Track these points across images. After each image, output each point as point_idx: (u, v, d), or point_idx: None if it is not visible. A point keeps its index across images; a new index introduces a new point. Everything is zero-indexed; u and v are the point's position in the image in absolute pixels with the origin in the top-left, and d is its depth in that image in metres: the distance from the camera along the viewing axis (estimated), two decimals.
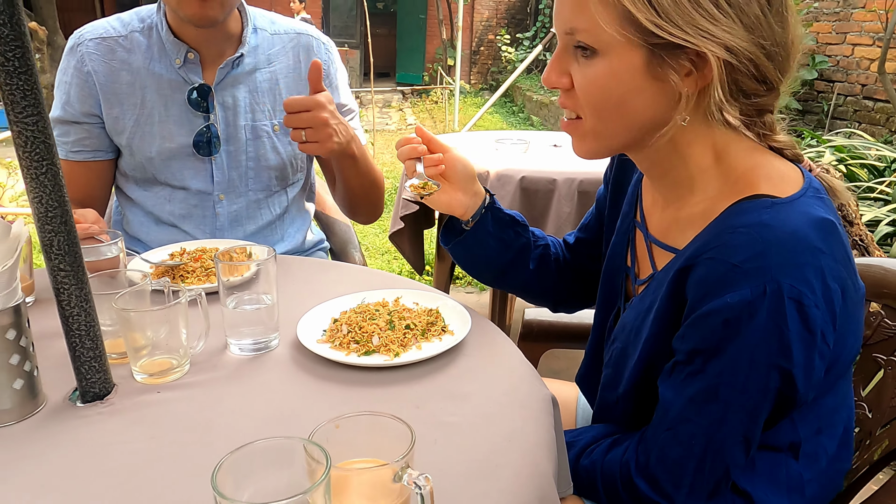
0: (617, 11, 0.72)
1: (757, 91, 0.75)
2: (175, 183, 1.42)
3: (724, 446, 0.76)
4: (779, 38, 0.73)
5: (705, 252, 0.73)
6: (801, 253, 0.69)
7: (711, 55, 0.71)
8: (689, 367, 0.76)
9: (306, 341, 0.89)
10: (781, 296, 0.68)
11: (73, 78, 1.36)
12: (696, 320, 0.74)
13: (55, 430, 0.73)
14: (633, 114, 0.77)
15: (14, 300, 0.72)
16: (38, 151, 0.69)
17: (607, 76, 0.75)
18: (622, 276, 0.97)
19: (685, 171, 0.82)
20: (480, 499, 0.62)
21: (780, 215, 0.71)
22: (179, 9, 1.26)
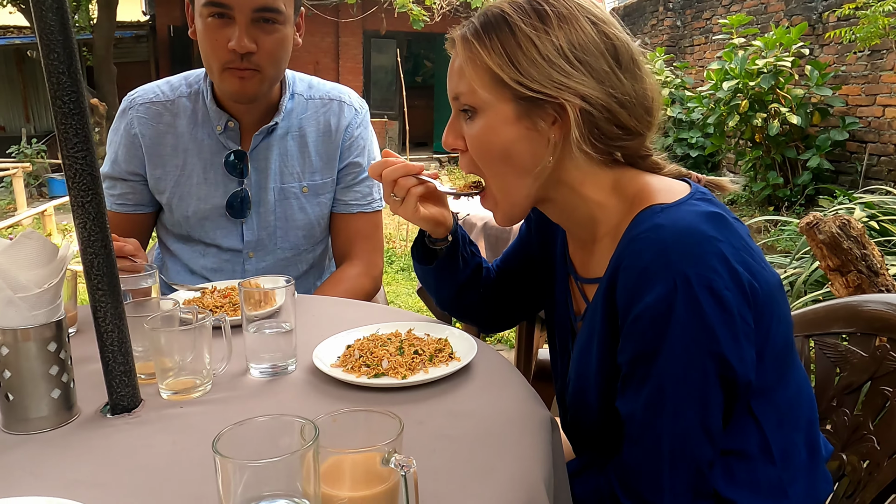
0: (486, 73, 0.84)
1: (617, 136, 0.85)
2: (208, 240, 1.51)
3: (688, 440, 0.79)
4: (629, 90, 0.85)
5: (619, 264, 0.81)
6: (697, 243, 0.76)
7: (566, 103, 0.82)
8: (636, 377, 0.81)
9: (320, 365, 0.94)
10: (691, 285, 0.75)
11: (122, 139, 1.48)
12: (628, 328, 0.80)
13: (87, 437, 0.79)
14: (516, 162, 0.87)
15: (56, 316, 0.80)
16: (85, 182, 0.78)
17: (486, 131, 0.87)
18: (568, 323, 1.03)
19: (586, 209, 0.91)
20: (473, 499, 0.66)
21: (672, 215, 0.79)
22: (221, 84, 1.37)
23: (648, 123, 0.88)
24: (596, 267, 0.93)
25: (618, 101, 0.84)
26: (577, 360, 0.95)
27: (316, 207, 1.53)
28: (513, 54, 0.83)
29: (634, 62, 0.86)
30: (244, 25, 1.29)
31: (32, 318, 0.78)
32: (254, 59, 1.32)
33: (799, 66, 5.37)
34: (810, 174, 5.17)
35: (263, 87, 1.38)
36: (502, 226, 0.94)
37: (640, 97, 0.86)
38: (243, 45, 1.29)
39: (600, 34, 0.85)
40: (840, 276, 2.05)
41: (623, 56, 0.85)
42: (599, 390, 0.89)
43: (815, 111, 5.29)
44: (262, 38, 1.31)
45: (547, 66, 0.82)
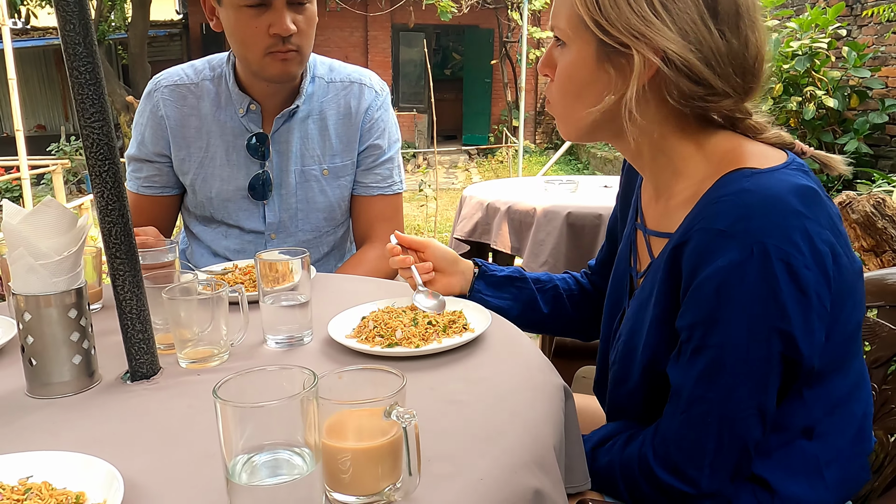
0: (573, 10, 0.82)
1: (698, 94, 0.79)
2: (230, 222, 1.53)
3: (739, 419, 0.76)
4: (719, 47, 0.78)
5: (694, 226, 0.77)
6: (783, 216, 0.72)
7: (638, 54, 0.78)
8: (692, 344, 0.78)
9: (335, 335, 0.95)
10: (769, 256, 0.71)
11: (148, 121, 1.51)
12: (692, 293, 0.76)
13: (105, 401, 0.81)
14: (588, 101, 0.85)
15: (77, 283, 0.82)
16: (102, 152, 0.80)
17: (569, 65, 0.86)
18: (627, 279, 1.01)
19: (667, 161, 0.87)
20: (481, 458, 0.65)
21: (761, 182, 0.74)
22: (262, 70, 1.39)
23: (741, 85, 0.81)
24: (668, 222, 0.89)
25: (702, 58, 0.77)
26: (631, 318, 0.92)
27: (336, 190, 1.54)
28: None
29: (739, 14, 0.79)
30: (283, 9, 1.32)
31: (53, 285, 0.80)
32: (294, 40, 1.35)
33: (836, 48, 5.22)
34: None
35: (302, 66, 1.42)
36: (565, 139, 0.93)
37: (735, 55, 0.79)
38: (286, 27, 1.32)
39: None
40: (875, 256, 1.99)
41: (724, 7, 0.78)
42: (649, 352, 0.87)
43: (853, 94, 5.14)
44: (297, 19, 1.35)
45: (627, 10, 0.77)
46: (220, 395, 0.48)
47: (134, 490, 0.60)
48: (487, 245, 2.44)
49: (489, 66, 12.89)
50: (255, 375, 0.54)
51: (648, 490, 0.84)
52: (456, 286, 1.15)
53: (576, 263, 2.17)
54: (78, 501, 0.56)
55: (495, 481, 0.62)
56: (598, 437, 0.93)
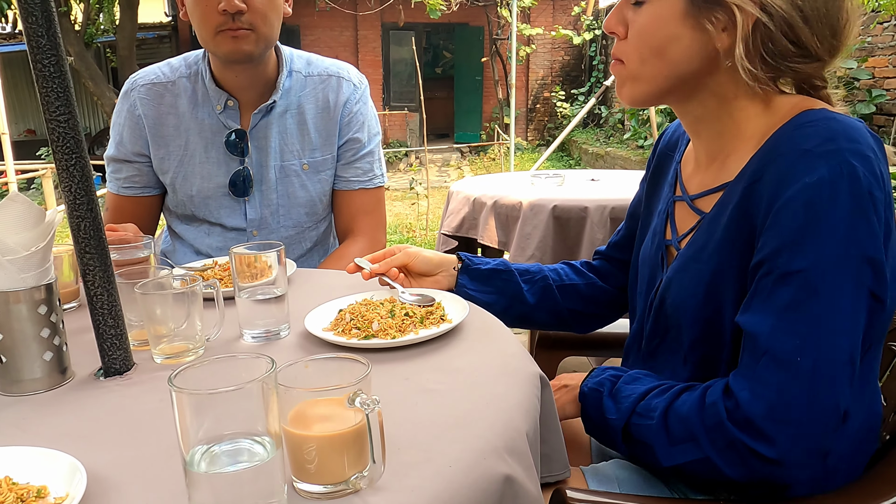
0: None
1: (790, 53, 0.77)
2: (212, 219, 1.52)
3: (836, 364, 0.67)
4: (819, 4, 0.76)
5: (773, 155, 0.74)
6: (868, 148, 0.70)
7: (738, 10, 0.75)
8: (774, 275, 0.71)
9: (312, 328, 0.95)
10: (860, 180, 0.68)
11: (125, 120, 1.50)
12: (773, 217, 0.72)
13: (77, 397, 0.80)
14: (670, 59, 0.82)
15: (46, 279, 0.81)
16: (69, 146, 0.79)
17: (652, 21, 0.81)
18: (663, 250, 0.98)
19: (731, 121, 0.85)
20: (453, 444, 0.65)
21: (841, 116, 0.73)
22: (216, 49, 1.37)
23: (832, 46, 0.78)
24: (723, 175, 0.86)
25: (803, 14, 0.75)
26: (677, 279, 0.87)
27: (317, 185, 1.53)
28: None
29: None
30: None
31: (22, 281, 0.79)
32: (245, 19, 1.32)
33: None
34: None
35: (259, 47, 1.38)
36: (623, 102, 0.89)
37: (832, 13, 0.77)
38: (233, 4, 1.29)
39: None
40: None
41: None
42: (712, 305, 0.81)
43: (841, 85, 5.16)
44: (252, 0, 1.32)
45: None
46: (175, 383, 0.48)
47: (97, 483, 0.59)
48: (475, 240, 2.44)
49: (480, 63, 12.88)
50: (214, 364, 0.53)
51: (708, 445, 0.73)
52: (444, 284, 1.15)
53: (562, 256, 2.17)
54: (39, 495, 0.55)
55: (464, 467, 0.61)
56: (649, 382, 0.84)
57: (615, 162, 9.31)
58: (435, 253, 1.16)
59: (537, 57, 13.11)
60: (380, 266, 1.12)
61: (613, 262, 1.18)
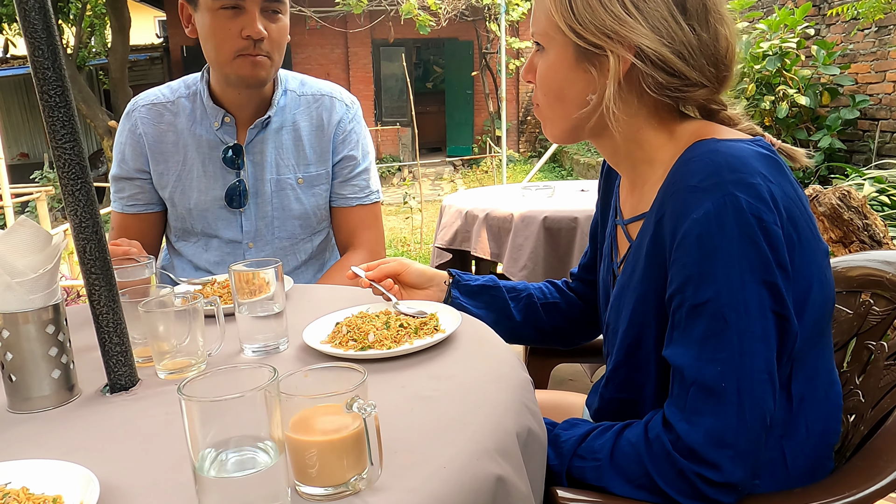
0: (549, 16, 0.86)
1: (672, 85, 0.83)
2: (209, 232, 1.57)
3: (756, 382, 0.72)
4: (690, 41, 0.82)
5: (668, 193, 0.79)
6: (752, 174, 0.74)
7: (612, 56, 0.82)
8: (686, 307, 0.76)
9: (310, 341, 0.98)
10: (743, 209, 0.72)
11: (127, 139, 1.56)
12: (675, 253, 0.77)
13: (85, 413, 0.83)
14: (569, 102, 0.89)
15: (53, 300, 0.85)
16: (74, 171, 0.83)
17: (549, 68, 0.89)
18: (610, 274, 1.04)
19: (641, 152, 0.91)
20: (447, 447, 0.68)
21: (727, 145, 0.78)
22: (232, 71, 1.43)
23: (714, 75, 0.84)
24: (642, 204, 0.91)
25: (675, 51, 0.82)
26: (615, 304, 0.93)
27: (311, 198, 1.58)
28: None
29: (706, 8, 0.83)
30: (255, 14, 1.38)
31: (30, 302, 0.82)
32: (264, 46, 1.40)
33: (805, 47, 5.33)
34: (822, 154, 5.12)
35: (271, 74, 1.46)
36: (552, 141, 0.96)
37: (706, 47, 0.83)
38: (258, 30, 1.37)
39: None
40: (843, 247, 2.04)
41: (692, 2, 0.82)
42: (634, 330, 0.87)
43: (825, 91, 5.24)
44: (270, 27, 1.41)
45: (601, 10, 0.81)
46: (184, 392, 0.51)
47: (110, 492, 0.62)
48: (468, 252, 2.48)
49: (470, 77, 12.99)
50: (220, 375, 0.57)
51: (658, 476, 0.77)
52: (434, 298, 1.19)
53: (555, 266, 2.21)
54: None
55: (458, 468, 0.65)
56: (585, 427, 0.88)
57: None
58: (427, 267, 1.20)
59: None
60: (374, 273, 1.15)
61: (586, 282, 1.22)
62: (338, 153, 1.59)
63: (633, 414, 0.92)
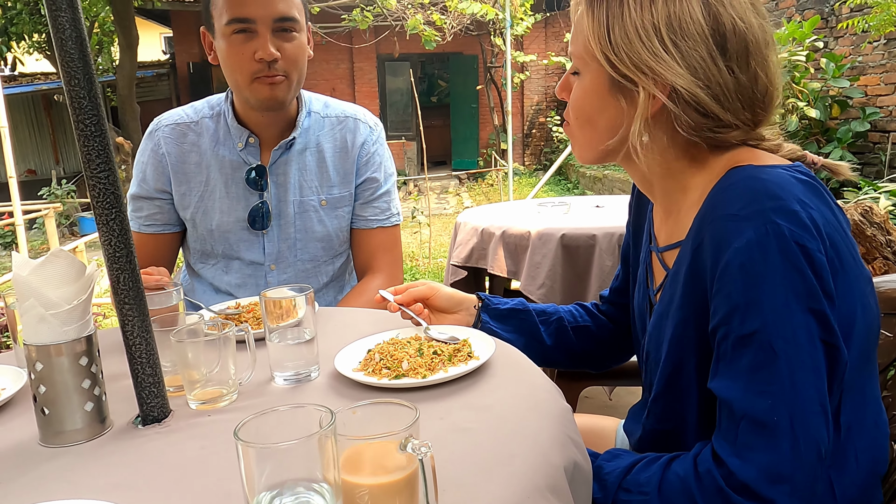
0: (587, 42, 0.85)
1: (703, 125, 0.81)
2: (231, 254, 1.56)
3: (810, 414, 0.70)
4: (727, 83, 0.80)
5: (706, 220, 0.78)
6: (791, 201, 0.73)
7: (643, 92, 0.80)
8: (732, 338, 0.74)
9: (342, 369, 0.96)
10: (785, 237, 0.71)
11: (149, 159, 1.55)
12: (718, 283, 0.75)
13: (119, 446, 0.82)
14: (600, 128, 0.88)
15: (87, 331, 0.83)
16: (109, 201, 0.82)
17: (583, 92, 0.88)
18: (646, 300, 1.02)
19: (675, 183, 0.90)
20: (493, 482, 0.67)
21: (766, 171, 0.76)
22: (252, 95, 1.43)
23: (749, 119, 0.83)
24: (678, 232, 0.90)
25: (710, 93, 0.79)
26: (653, 332, 0.92)
27: (334, 220, 1.57)
28: (611, 28, 0.82)
29: (748, 50, 0.80)
30: (267, 36, 1.38)
31: (64, 334, 0.81)
32: (280, 66, 1.40)
33: (814, 60, 5.33)
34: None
35: (291, 93, 1.46)
36: (578, 161, 0.97)
37: (743, 89, 0.81)
38: (270, 52, 1.38)
39: (710, 16, 0.79)
40: (866, 263, 2.02)
41: (732, 43, 0.79)
42: (673, 358, 0.85)
43: (834, 103, 5.23)
44: (283, 46, 1.41)
45: (638, 44, 0.80)
46: (240, 436, 0.50)
47: None
48: (484, 270, 2.46)
49: (475, 91, 13.04)
50: (273, 415, 0.55)
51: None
52: (464, 322, 1.17)
53: (573, 284, 2.19)
54: None
55: None
56: (630, 458, 0.86)
57: (613, 185, 9.38)
58: (456, 291, 1.19)
59: (531, 83, 13.28)
60: (403, 297, 1.14)
61: (617, 306, 1.21)
62: (361, 175, 1.58)
63: (674, 444, 0.90)
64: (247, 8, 1.37)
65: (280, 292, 1.04)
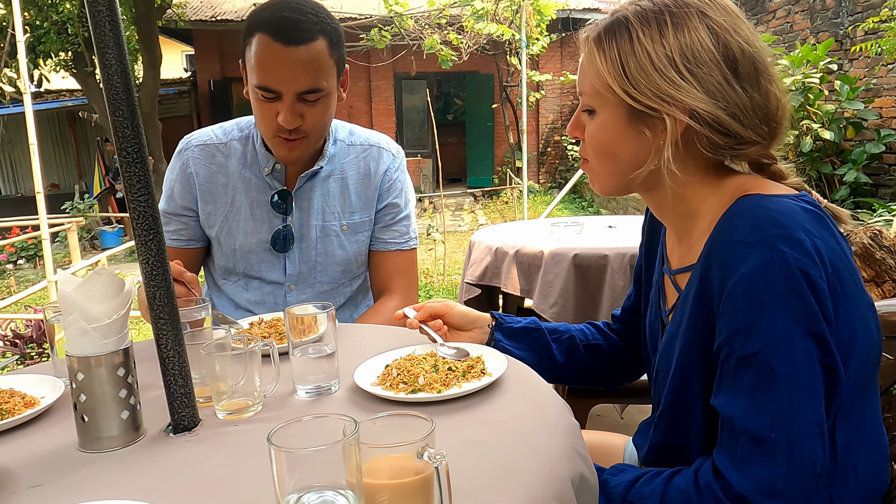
0: (601, 78, 0.89)
1: (726, 144, 0.87)
2: (252, 273, 1.61)
3: (805, 433, 0.74)
4: (743, 102, 0.86)
5: (714, 246, 0.82)
6: (796, 230, 0.77)
7: (668, 119, 0.85)
8: (734, 358, 0.79)
9: (361, 383, 1.01)
10: (789, 264, 0.75)
11: (177, 177, 1.60)
12: (723, 306, 0.80)
13: (152, 453, 0.87)
14: (621, 159, 0.93)
15: (125, 343, 0.89)
16: (147, 223, 0.88)
17: (600, 129, 0.93)
18: (658, 321, 1.06)
19: (685, 206, 0.94)
20: (503, 493, 0.71)
21: (773, 201, 0.81)
22: (272, 147, 1.49)
23: (767, 133, 0.88)
24: (690, 256, 0.94)
25: (730, 112, 0.85)
26: (664, 352, 0.96)
27: (354, 245, 1.62)
28: (625, 63, 0.86)
29: (757, 70, 0.86)
30: (290, 105, 1.39)
31: (104, 346, 0.87)
32: (301, 129, 1.43)
33: (828, 82, 5.35)
34: (848, 189, 5.10)
35: (310, 149, 1.51)
36: (596, 192, 1.01)
37: (758, 107, 0.86)
38: (290, 122, 1.40)
39: (719, 44, 0.85)
40: (875, 286, 2.04)
41: (742, 65, 0.85)
42: (681, 375, 0.89)
43: (849, 125, 5.25)
44: (307, 111, 1.42)
45: (656, 76, 0.85)
46: (273, 441, 0.55)
47: None
48: (498, 288, 2.51)
49: (490, 109, 13.15)
50: (301, 424, 0.60)
51: None
52: (477, 340, 1.22)
53: (585, 303, 2.22)
54: None
55: None
56: (635, 472, 0.91)
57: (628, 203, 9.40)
58: (470, 309, 1.23)
59: (547, 102, 13.38)
60: (420, 313, 1.19)
61: (628, 325, 1.25)
62: (382, 200, 1.63)
63: (679, 458, 0.93)
64: (273, 81, 1.38)
65: (304, 309, 1.09)
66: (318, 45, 1.38)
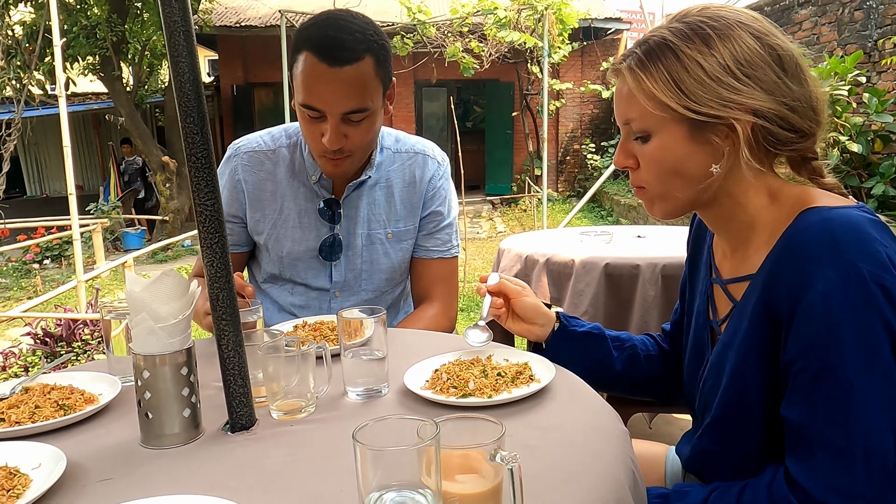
0: (654, 100, 0.90)
1: (791, 139, 0.89)
2: (298, 280, 1.63)
3: (882, 440, 0.76)
4: (798, 95, 0.88)
5: (782, 260, 0.83)
6: (868, 241, 0.78)
7: (736, 122, 0.86)
8: (809, 372, 0.80)
9: (412, 386, 1.03)
10: (865, 279, 0.76)
11: (226, 183, 1.61)
12: (798, 322, 0.81)
13: (213, 451, 0.89)
14: (689, 175, 0.93)
15: (188, 343, 0.92)
16: (213, 226, 0.90)
17: (661, 151, 0.93)
18: (707, 331, 1.07)
19: (745, 216, 0.95)
20: (565, 497, 0.72)
21: (841, 213, 0.82)
22: (319, 163, 1.51)
23: (818, 122, 0.91)
24: (747, 266, 0.95)
25: (789, 107, 0.88)
26: (716, 361, 0.97)
27: (399, 252, 1.63)
28: (679, 80, 0.88)
29: (799, 67, 0.90)
30: (334, 126, 1.37)
31: (169, 345, 0.89)
32: (346, 148, 1.42)
33: (856, 94, 5.31)
34: (876, 202, 5.05)
35: (355, 166, 1.51)
36: (656, 217, 1.01)
37: (808, 99, 0.90)
38: (333, 142, 1.39)
39: (764, 46, 0.88)
40: None
41: (788, 63, 0.89)
42: (739, 385, 0.90)
43: (877, 138, 5.20)
44: (351, 131, 1.41)
45: (715, 85, 0.87)
46: (359, 439, 0.56)
47: None
48: None
49: (510, 117, 13.17)
50: (384, 423, 0.62)
51: None
52: (535, 333, 1.22)
53: (615, 312, 2.23)
54: None
55: None
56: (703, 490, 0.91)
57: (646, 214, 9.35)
58: (541, 304, 1.23)
59: (567, 110, 13.37)
60: (496, 285, 1.20)
61: (675, 339, 1.25)
62: (426, 208, 1.63)
63: (725, 465, 0.94)
64: (317, 100, 1.37)
65: (353, 313, 1.12)
66: (363, 66, 1.37)
